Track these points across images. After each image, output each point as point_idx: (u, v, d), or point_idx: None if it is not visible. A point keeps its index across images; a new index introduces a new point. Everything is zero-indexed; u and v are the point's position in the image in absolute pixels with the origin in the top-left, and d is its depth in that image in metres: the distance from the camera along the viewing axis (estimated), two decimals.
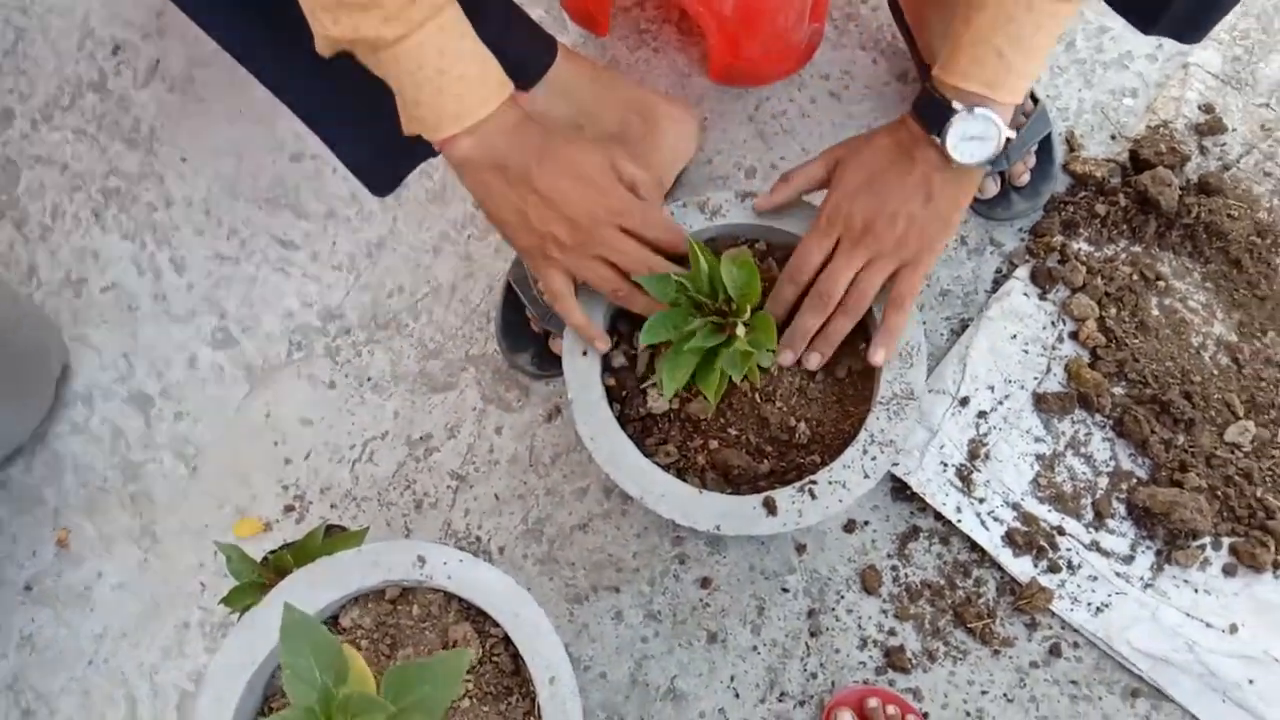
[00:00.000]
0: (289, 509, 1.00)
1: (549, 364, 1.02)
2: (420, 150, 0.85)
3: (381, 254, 1.09)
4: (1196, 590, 0.94)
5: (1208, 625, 0.92)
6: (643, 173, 0.75)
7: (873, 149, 0.74)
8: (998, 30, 0.63)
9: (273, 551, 0.88)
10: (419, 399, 1.03)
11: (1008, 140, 0.68)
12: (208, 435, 1.03)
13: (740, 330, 0.69)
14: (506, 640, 0.71)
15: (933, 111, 0.68)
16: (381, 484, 1.01)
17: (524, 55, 0.83)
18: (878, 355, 0.77)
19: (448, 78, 0.64)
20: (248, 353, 1.06)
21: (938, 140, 0.68)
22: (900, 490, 0.98)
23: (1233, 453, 0.96)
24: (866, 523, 0.97)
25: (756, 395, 0.79)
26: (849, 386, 0.82)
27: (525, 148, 0.69)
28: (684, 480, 0.79)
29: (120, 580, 0.99)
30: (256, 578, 0.82)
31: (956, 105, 0.66)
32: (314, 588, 0.72)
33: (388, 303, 1.07)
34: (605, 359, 0.82)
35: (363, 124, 0.81)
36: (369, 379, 1.05)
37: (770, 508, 0.74)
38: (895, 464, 0.96)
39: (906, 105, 1.09)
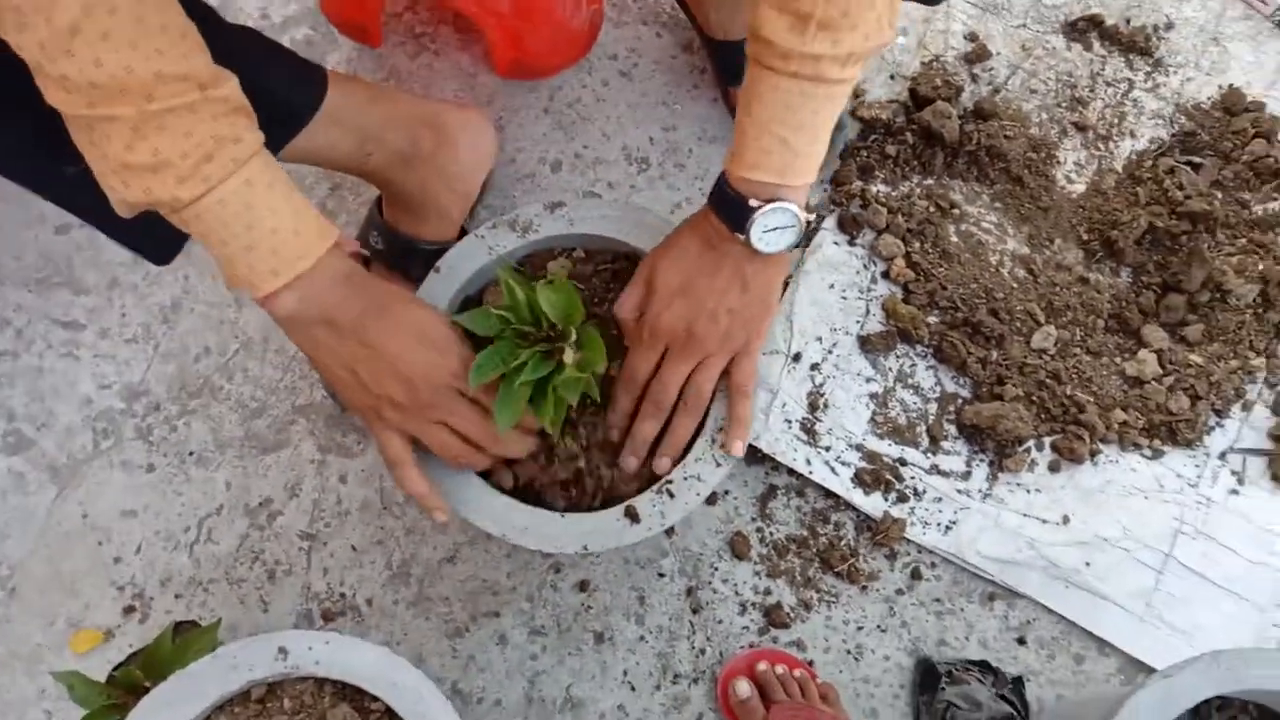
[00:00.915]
0: (129, 610, 0.93)
1: None
2: None
3: (178, 317, 1.01)
4: (1029, 491, 1.01)
5: (1043, 521, 1.00)
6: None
7: (681, 250, 0.73)
8: (776, 120, 0.64)
9: (118, 666, 0.82)
10: (250, 463, 0.98)
11: (808, 223, 0.69)
12: (20, 550, 0.94)
13: (569, 354, 0.68)
14: (390, 711, 0.69)
15: (731, 210, 0.68)
16: (227, 562, 0.95)
17: (291, 95, 0.78)
18: (735, 447, 0.77)
19: (258, 232, 0.59)
20: (48, 452, 0.97)
21: (741, 237, 0.68)
22: (753, 453, 1.00)
23: (1040, 358, 1.04)
24: (727, 492, 1.00)
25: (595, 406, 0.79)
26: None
27: (358, 301, 0.65)
28: (543, 498, 0.78)
29: None
30: (106, 699, 0.76)
31: (753, 202, 0.67)
32: (171, 707, 0.67)
33: (195, 368, 1.00)
34: None
35: None
36: (191, 453, 0.98)
37: (633, 516, 0.74)
38: None
39: (696, 75, 1.12)
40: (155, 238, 0.80)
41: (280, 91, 0.75)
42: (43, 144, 0.63)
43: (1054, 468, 1.01)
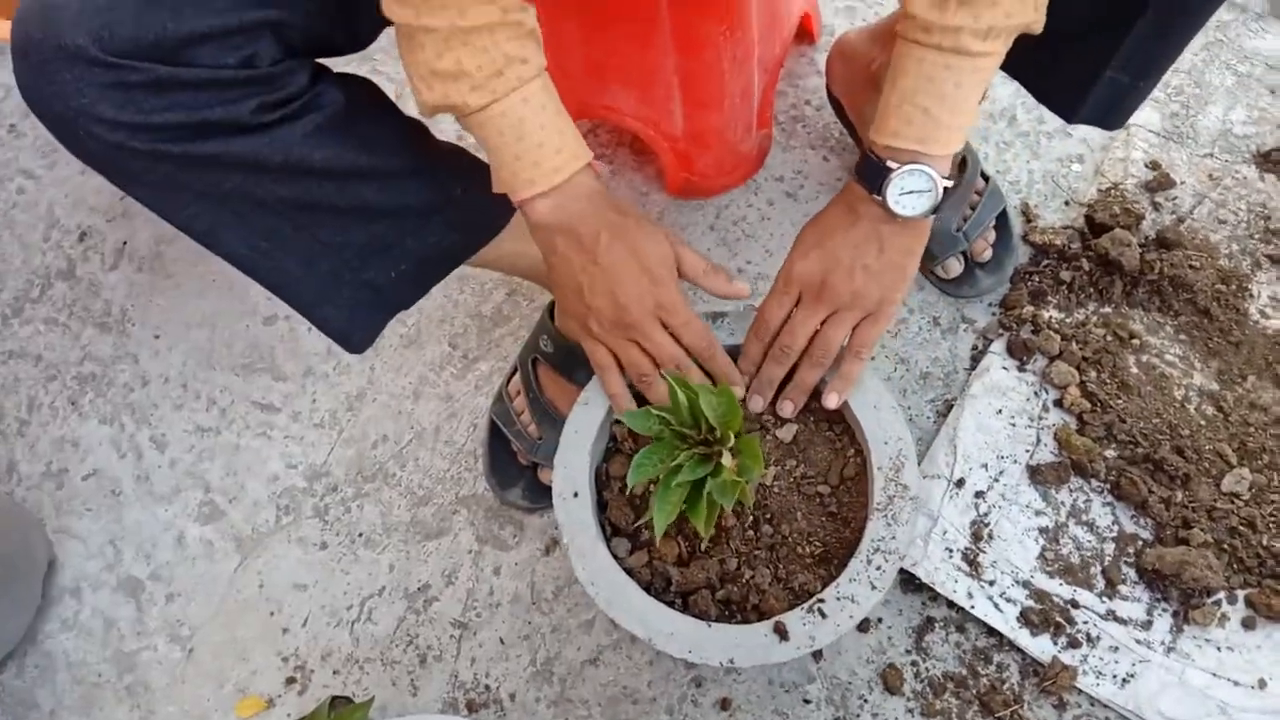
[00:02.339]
0: (290, 681, 0.98)
1: (540, 495, 1.01)
2: (393, 304, 0.86)
3: (362, 405, 1.09)
4: (1219, 648, 0.92)
5: (1235, 684, 0.90)
6: (704, 260, 0.79)
7: (824, 214, 0.78)
8: (920, 91, 0.67)
9: None
10: (413, 548, 1.02)
11: (946, 189, 0.71)
12: (201, 614, 1.01)
13: (726, 458, 0.69)
14: None
15: (871, 172, 0.71)
16: (383, 643, 0.99)
17: (491, 207, 0.84)
18: (830, 399, 0.80)
19: (525, 144, 0.68)
20: (235, 523, 1.05)
21: (878, 198, 0.71)
22: (909, 581, 0.96)
23: (1233, 503, 0.96)
24: (880, 620, 0.96)
25: (750, 515, 0.79)
26: (843, 494, 0.82)
27: (598, 218, 0.72)
28: (689, 603, 0.77)
29: None
30: None
31: (891, 164, 0.70)
32: None
33: (373, 454, 1.07)
34: (599, 497, 0.81)
35: (332, 291, 0.81)
36: (360, 534, 1.03)
37: (781, 633, 0.73)
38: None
39: None
40: (352, 331, 0.87)
41: (481, 204, 0.81)
42: (243, 214, 0.72)
43: (1248, 624, 0.92)
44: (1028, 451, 1.01)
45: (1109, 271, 1.06)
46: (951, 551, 0.97)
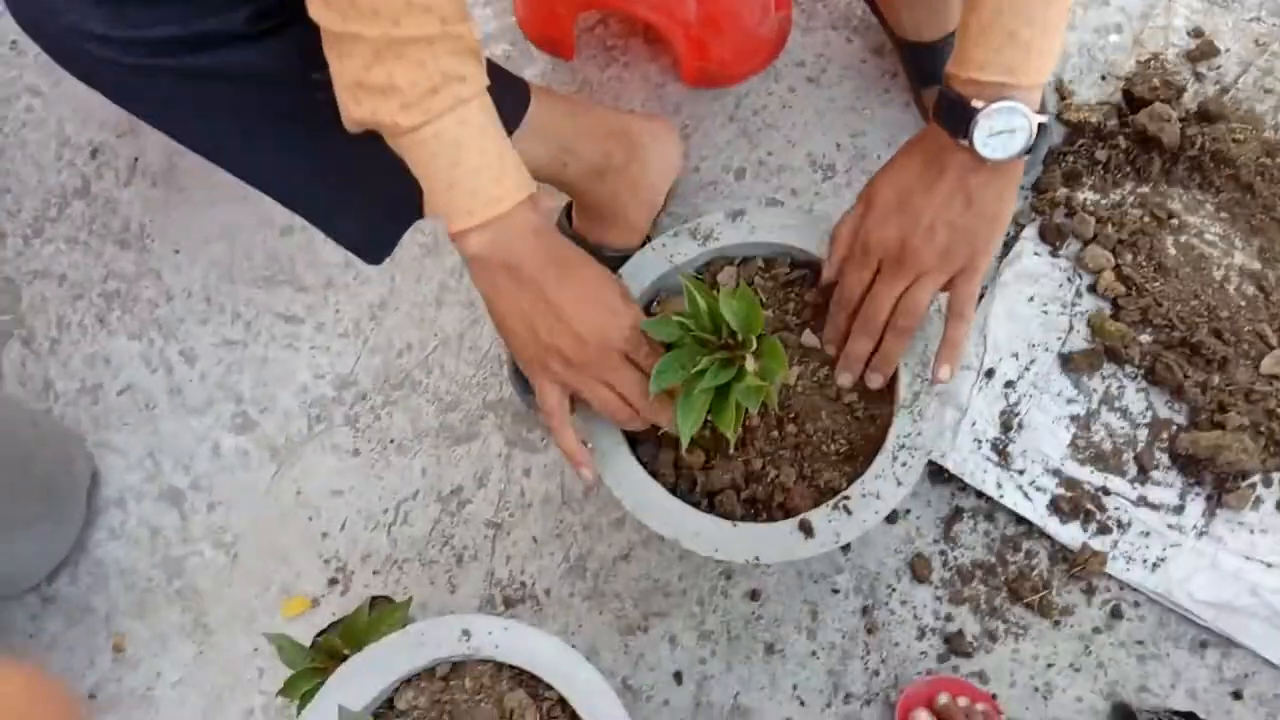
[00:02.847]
0: (333, 582, 1.01)
1: None
2: (406, 214, 0.84)
3: (385, 315, 1.09)
4: (1252, 531, 0.92)
5: (1268, 566, 0.90)
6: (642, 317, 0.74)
7: (900, 167, 0.71)
8: (1006, 12, 0.60)
9: (321, 633, 0.89)
10: (444, 453, 1.03)
11: (1041, 126, 0.64)
12: (242, 521, 1.04)
13: (750, 362, 0.68)
14: (563, 701, 0.71)
15: (954, 113, 0.65)
16: (420, 544, 1.01)
17: (500, 108, 0.82)
18: (942, 372, 0.74)
19: (462, 170, 0.62)
20: (269, 433, 1.07)
21: (965, 143, 0.65)
22: (938, 473, 0.96)
23: (1271, 384, 0.94)
24: (908, 511, 0.96)
25: (774, 416, 0.78)
26: (868, 392, 0.81)
27: (543, 254, 0.67)
28: (715, 504, 0.78)
29: (179, 677, 1.00)
30: (310, 663, 0.83)
31: (976, 103, 0.63)
32: (365, 676, 0.72)
33: (398, 362, 1.07)
34: None
35: (345, 202, 0.80)
36: (392, 441, 1.05)
37: (806, 530, 0.73)
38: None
39: (886, 79, 1.09)
40: (368, 241, 0.86)
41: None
42: (249, 128, 0.69)
43: None
44: (1059, 339, 0.99)
45: (1147, 149, 1.02)
46: (980, 442, 0.96)
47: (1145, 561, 0.92)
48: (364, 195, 0.79)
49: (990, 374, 0.98)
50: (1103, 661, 0.91)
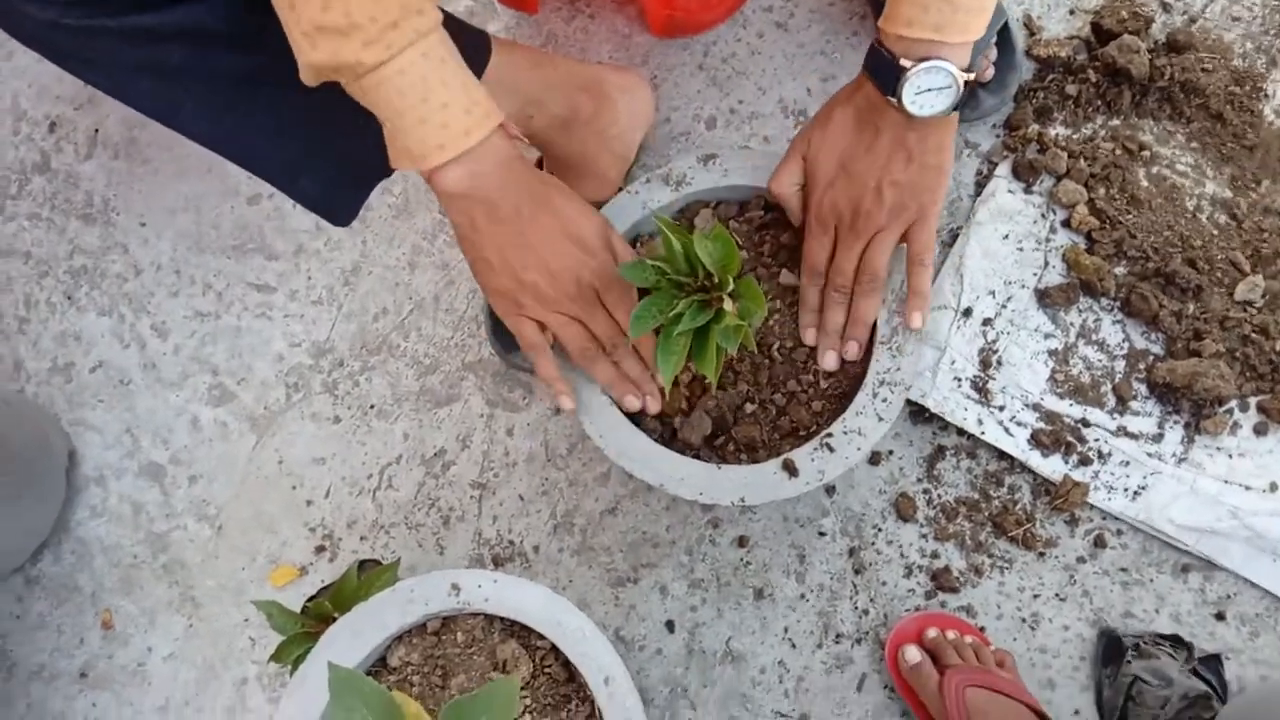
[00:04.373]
0: (320, 549, 1.01)
1: None
2: (371, 174, 0.83)
3: (358, 279, 1.07)
4: (1231, 455, 0.93)
5: (1247, 488, 0.92)
6: (630, 250, 0.74)
7: (835, 126, 0.71)
8: None
9: (311, 599, 0.88)
10: (425, 416, 1.03)
11: (968, 83, 0.64)
12: (225, 493, 1.03)
13: (728, 303, 0.68)
14: (555, 649, 0.72)
15: (882, 70, 0.65)
16: (405, 507, 1.01)
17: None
18: (914, 319, 0.75)
19: (430, 105, 0.61)
20: (247, 404, 1.06)
21: (894, 100, 0.65)
22: (919, 413, 0.97)
23: (1245, 311, 0.95)
24: (891, 452, 0.97)
25: (753, 358, 0.78)
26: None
27: (518, 188, 0.66)
28: (701, 458, 0.78)
29: (170, 651, 1.00)
30: (300, 629, 0.82)
31: (905, 62, 0.64)
32: (356, 635, 0.72)
33: (374, 327, 1.06)
34: None
35: (305, 161, 0.79)
36: (372, 406, 1.04)
37: (790, 470, 0.73)
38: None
39: (855, 21, 1.08)
40: (333, 201, 0.85)
41: None
42: (200, 91, 0.68)
43: (1260, 430, 0.93)
44: (1035, 275, 0.99)
45: (1117, 81, 1.02)
46: (960, 380, 0.97)
47: (1126, 490, 0.93)
48: (326, 156, 0.78)
49: (968, 313, 0.98)
50: (1088, 590, 0.92)
